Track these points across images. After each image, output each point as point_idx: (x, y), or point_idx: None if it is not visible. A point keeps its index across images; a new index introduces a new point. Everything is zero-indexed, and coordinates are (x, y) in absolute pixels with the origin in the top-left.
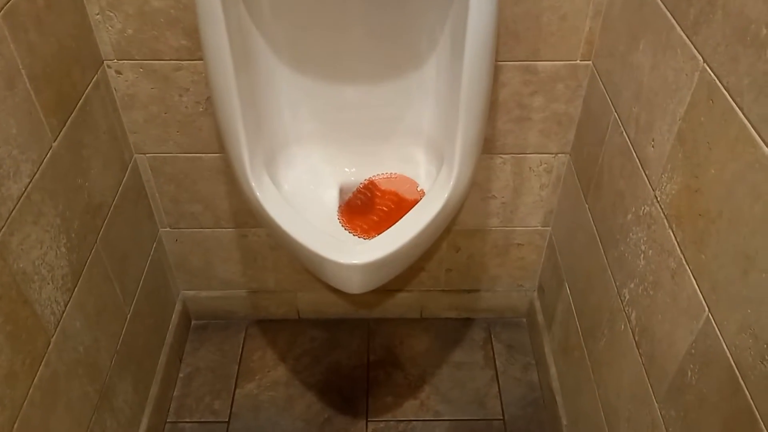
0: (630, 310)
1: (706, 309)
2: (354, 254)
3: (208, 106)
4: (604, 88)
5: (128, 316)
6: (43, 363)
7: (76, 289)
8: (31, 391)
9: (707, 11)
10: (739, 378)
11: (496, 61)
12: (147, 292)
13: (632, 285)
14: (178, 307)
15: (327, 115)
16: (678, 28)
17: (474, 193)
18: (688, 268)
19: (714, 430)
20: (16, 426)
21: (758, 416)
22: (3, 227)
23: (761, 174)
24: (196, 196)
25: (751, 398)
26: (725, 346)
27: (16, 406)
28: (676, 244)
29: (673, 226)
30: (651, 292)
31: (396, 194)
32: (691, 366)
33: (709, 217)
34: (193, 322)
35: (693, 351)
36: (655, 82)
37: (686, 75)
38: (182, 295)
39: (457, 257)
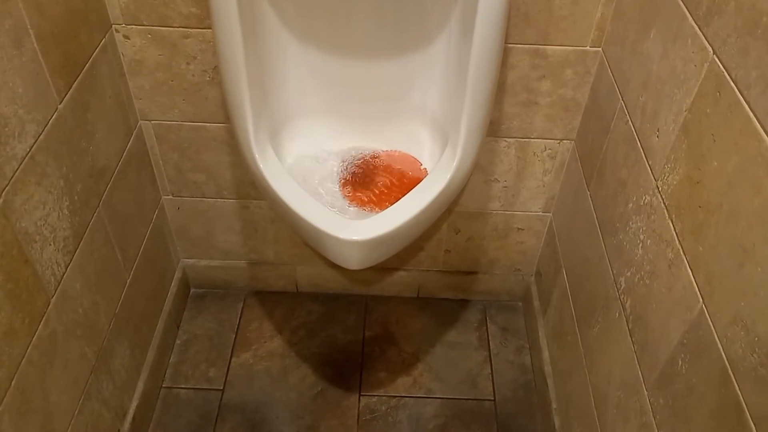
0: (625, 298)
1: (701, 300)
2: (354, 230)
3: (215, 75)
4: (613, 76)
5: (128, 281)
6: (42, 322)
7: (77, 251)
8: (29, 349)
9: (720, 2)
10: (729, 369)
11: (506, 43)
12: (147, 258)
13: (629, 274)
14: (177, 274)
15: (333, 91)
16: (690, 18)
17: (476, 175)
18: (685, 259)
19: (701, 418)
20: (13, 383)
21: (745, 407)
22: (7, 186)
23: (763, 168)
24: (200, 165)
25: (739, 389)
26: (717, 338)
27: (14, 364)
28: (674, 234)
29: (673, 216)
30: (647, 282)
31: (399, 170)
32: (682, 355)
33: (709, 209)
34: (191, 291)
35: (685, 341)
36: (664, 71)
37: (695, 66)
38: (182, 263)
39: (456, 239)
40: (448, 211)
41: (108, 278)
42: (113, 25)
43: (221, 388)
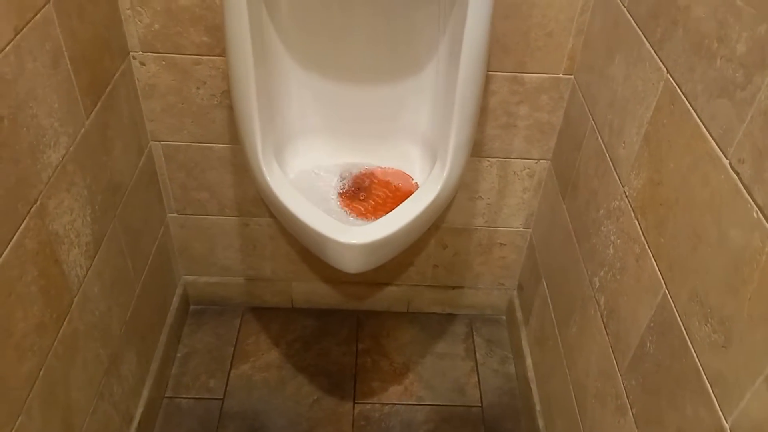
0: (599, 295)
1: (663, 285)
2: (354, 235)
3: (223, 99)
4: (583, 99)
5: (137, 292)
6: (66, 320)
7: (96, 257)
8: (55, 343)
9: (671, 29)
10: (688, 341)
11: (488, 71)
12: (153, 273)
13: (602, 273)
14: (179, 291)
15: (332, 113)
16: (647, 44)
17: (462, 193)
18: (649, 251)
19: (667, 389)
20: (42, 373)
21: (702, 370)
22: (44, 190)
23: (710, 164)
24: (204, 183)
25: (696, 356)
26: (677, 315)
27: (43, 354)
28: (640, 231)
29: (638, 216)
30: (618, 277)
31: (392, 184)
32: (650, 337)
33: (668, 204)
34: (191, 307)
35: (652, 324)
36: (627, 91)
37: (653, 84)
38: (183, 280)
39: (444, 254)
40: (436, 227)
41: (120, 287)
42: (131, 53)
43: (221, 397)
